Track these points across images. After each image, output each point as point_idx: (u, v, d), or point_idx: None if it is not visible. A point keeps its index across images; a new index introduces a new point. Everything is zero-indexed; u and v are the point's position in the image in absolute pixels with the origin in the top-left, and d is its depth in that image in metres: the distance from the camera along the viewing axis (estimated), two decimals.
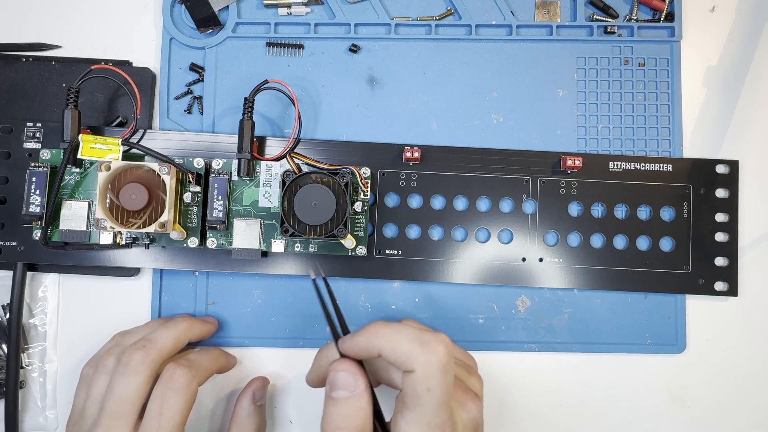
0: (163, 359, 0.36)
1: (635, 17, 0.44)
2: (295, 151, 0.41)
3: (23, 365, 0.41)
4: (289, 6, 0.43)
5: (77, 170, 0.39)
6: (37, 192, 0.37)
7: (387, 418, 0.32)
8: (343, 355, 0.31)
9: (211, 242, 0.39)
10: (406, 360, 0.30)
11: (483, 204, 0.42)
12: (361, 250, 0.40)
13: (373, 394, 0.31)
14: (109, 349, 0.37)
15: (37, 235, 0.38)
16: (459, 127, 0.43)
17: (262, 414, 0.40)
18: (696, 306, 0.43)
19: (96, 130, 0.40)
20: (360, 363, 0.31)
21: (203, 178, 0.39)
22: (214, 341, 0.41)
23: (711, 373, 0.43)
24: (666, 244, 0.42)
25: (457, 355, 0.37)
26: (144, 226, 0.36)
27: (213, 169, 0.39)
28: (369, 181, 0.40)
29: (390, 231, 0.42)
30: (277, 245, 0.39)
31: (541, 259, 0.42)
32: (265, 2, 0.43)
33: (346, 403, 0.30)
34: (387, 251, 0.41)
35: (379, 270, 0.41)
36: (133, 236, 0.38)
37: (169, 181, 0.37)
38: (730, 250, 0.42)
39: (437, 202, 0.42)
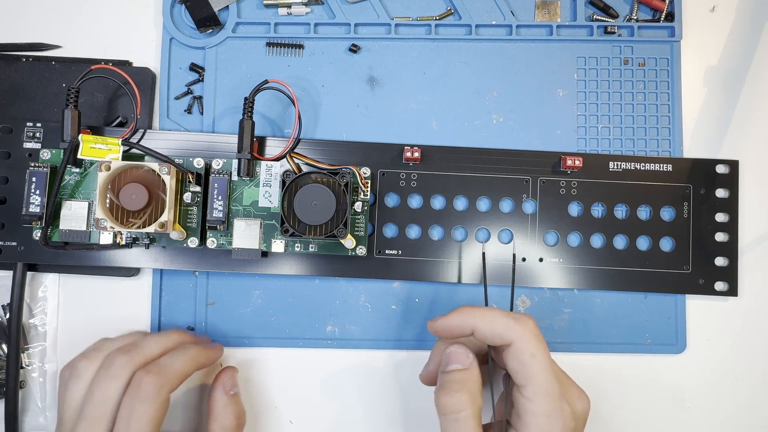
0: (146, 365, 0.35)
1: (635, 17, 0.44)
2: (295, 151, 0.41)
3: (23, 365, 0.41)
4: (289, 6, 0.43)
5: (77, 170, 0.39)
6: (37, 192, 0.37)
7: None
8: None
9: (211, 242, 0.39)
10: (503, 332, 0.33)
11: (483, 204, 0.42)
12: (361, 250, 0.40)
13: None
14: (86, 353, 0.37)
15: (37, 235, 0.38)
16: (459, 127, 0.43)
17: (238, 403, 0.39)
18: (696, 306, 0.43)
19: (96, 130, 0.40)
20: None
21: (203, 178, 0.39)
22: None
23: (711, 373, 0.43)
24: (666, 244, 0.42)
25: None
26: (144, 226, 0.36)
27: (213, 169, 0.39)
28: (369, 181, 0.40)
29: (390, 231, 0.42)
30: (277, 245, 0.39)
31: (541, 259, 0.42)
32: (265, 2, 0.43)
33: (459, 372, 0.34)
34: (387, 251, 0.41)
35: (379, 270, 0.41)
36: (133, 236, 0.38)
37: (169, 181, 0.37)
38: (730, 250, 0.42)
39: (437, 202, 0.42)
